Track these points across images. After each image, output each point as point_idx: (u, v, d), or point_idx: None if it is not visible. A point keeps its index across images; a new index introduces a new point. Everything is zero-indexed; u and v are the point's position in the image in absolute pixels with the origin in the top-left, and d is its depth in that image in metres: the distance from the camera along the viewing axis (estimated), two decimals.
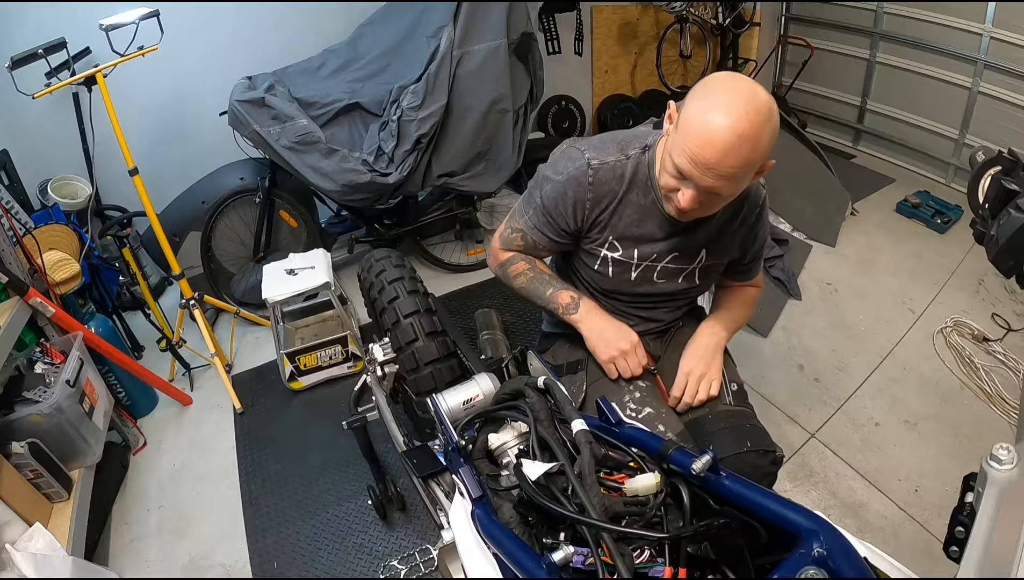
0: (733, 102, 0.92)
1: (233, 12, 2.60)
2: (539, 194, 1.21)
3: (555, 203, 1.18)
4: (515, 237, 1.28)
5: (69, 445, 1.69)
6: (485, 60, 2.42)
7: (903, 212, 3.19)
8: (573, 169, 1.16)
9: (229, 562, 1.78)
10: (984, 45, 3.06)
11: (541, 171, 1.23)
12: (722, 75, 0.98)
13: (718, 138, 0.92)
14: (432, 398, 1.04)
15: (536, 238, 1.25)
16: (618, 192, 1.15)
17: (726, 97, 0.93)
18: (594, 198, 1.16)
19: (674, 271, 1.24)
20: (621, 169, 1.15)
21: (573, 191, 1.16)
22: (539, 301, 1.29)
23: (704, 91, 0.97)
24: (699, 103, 0.95)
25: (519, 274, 1.29)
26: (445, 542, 0.93)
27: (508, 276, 1.32)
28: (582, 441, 0.74)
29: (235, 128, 2.34)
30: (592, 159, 1.14)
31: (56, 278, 1.93)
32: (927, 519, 1.73)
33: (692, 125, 0.94)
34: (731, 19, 3.73)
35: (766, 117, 0.93)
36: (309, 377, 2.33)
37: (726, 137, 0.91)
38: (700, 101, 0.95)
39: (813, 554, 0.53)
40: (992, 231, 1.12)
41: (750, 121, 0.91)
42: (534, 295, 1.29)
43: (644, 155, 1.15)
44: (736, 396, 1.26)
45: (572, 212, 1.18)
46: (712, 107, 0.93)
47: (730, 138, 0.91)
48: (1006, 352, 2.25)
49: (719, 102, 0.93)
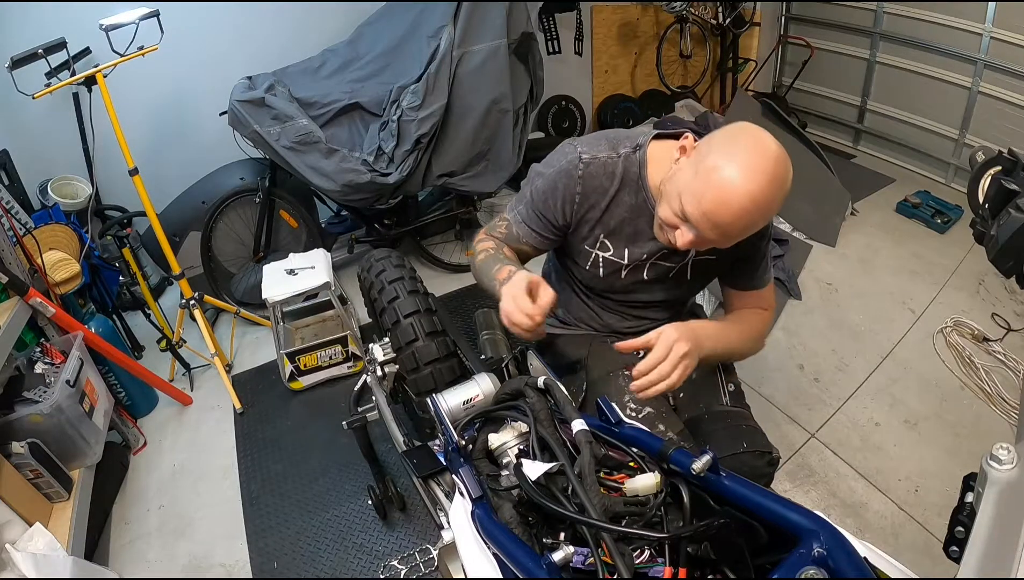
0: (758, 166, 0.90)
1: (233, 12, 2.60)
2: (530, 189, 1.20)
3: (545, 197, 1.17)
4: (500, 225, 1.27)
5: (69, 445, 1.69)
6: (485, 60, 2.42)
7: (903, 212, 3.19)
8: (564, 162, 1.15)
9: (229, 562, 1.78)
10: (984, 45, 3.06)
11: (534, 168, 1.22)
12: (750, 130, 0.95)
13: (736, 202, 0.90)
14: (432, 398, 1.04)
15: (520, 231, 1.23)
16: (609, 189, 1.15)
17: (751, 159, 0.90)
18: (583, 192, 1.15)
19: (665, 268, 1.23)
20: (612, 166, 1.14)
21: (563, 184, 1.15)
22: (486, 281, 1.17)
23: (730, 144, 0.94)
24: (723, 157, 0.92)
25: (481, 251, 1.23)
26: (445, 542, 0.93)
27: (473, 254, 1.26)
28: (582, 441, 0.74)
29: (235, 128, 2.34)
30: (584, 153, 1.14)
31: (56, 278, 1.93)
32: (927, 519, 1.73)
33: (712, 178, 0.92)
34: (731, 19, 3.73)
35: (781, 184, 0.92)
36: (309, 377, 2.33)
37: (744, 203, 0.90)
38: (724, 155, 0.92)
39: (813, 554, 0.53)
40: (992, 231, 1.12)
41: (771, 189, 0.90)
42: (485, 275, 1.18)
43: (635, 154, 1.14)
44: (733, 397, 1.26)
45: (561, 205, 1.16)
46: (736, 166, 0.90)
47: (747, 204, 0.90)
48: (1006, 352, 2.25)
49: (744, 163, 0.90)
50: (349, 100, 2.42)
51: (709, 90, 4.24)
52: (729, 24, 3.75)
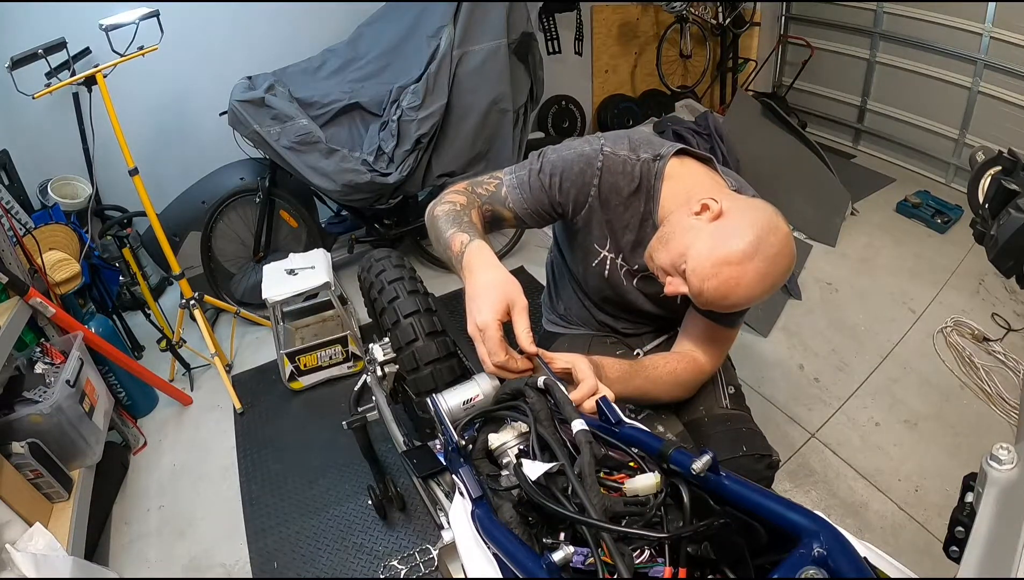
0: (770, 269, 0.92)
1: (233, 12, 2.60)
2: (540, 160, 1.12)
3: (558, 171, 1.09)
4: (489, 182, 1.15)
5: (69, 445, 1.69)
6: (485, 60, 2.42)
7: (903, 212, 3.19)
8: (588, 149, 1.10)
9: (229, 562, 1.78)
10: (984, 45, 3.06)
11: (546, 150, 1.14)
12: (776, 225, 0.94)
13: (738, 294, 0.93)
14: (432, 398, 1.04)
15: (511, 195, 1.12)
16: (623, 190, 1.11)
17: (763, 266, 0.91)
18: (600, 185, 1.10)
19: (659, 285, 1.18)
20: (631, 167, 1.10)
21: (579, 168, 1.09)
22: (439, 242, 1.05)
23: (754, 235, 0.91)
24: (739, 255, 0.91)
25: (447, 203, 1.09)
26: (445, 542, 0.93)
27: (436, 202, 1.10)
28: (582, 441, 0.74)
29: (235, 128, 2.34)
30: (606, 146, 1.10)
31: (56, 278, 1.93)
32: (927, 519, 1.73)
33: (723, 272, 0.92)
34: (731, 19, 3.73)
35: (780, 279, 0.95)
36: (309, 377, 2.33)
37: (743, 295, 0.93)
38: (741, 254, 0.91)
39: (813, 554, 0.53)
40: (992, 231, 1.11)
41: (772, 285, 0.94)
42: (439, 232, 1.05)
43: (655, 163, 1.10)
44: (733, 399, 1.24)
45: (570, 188, 1.10)
46: (751, 264, 0.91)
47: (746, 296, 0.93)
48: (1006, 352, 2.25)
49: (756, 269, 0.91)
50: (349, 100, 2.42)
51: (709, 90, 4.24)
52: (729, 24, 3.75)
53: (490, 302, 0.89)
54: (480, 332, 0.90)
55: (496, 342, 0.89)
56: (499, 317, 0.89)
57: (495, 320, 0.88)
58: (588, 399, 0.90)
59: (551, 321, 1.45)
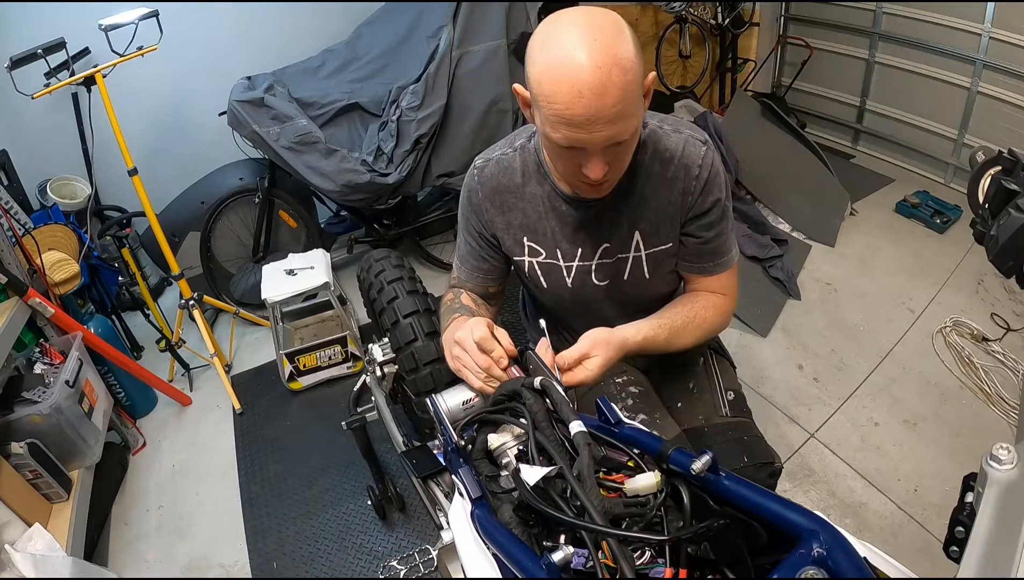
0: (572, 40, 0.80)
1: (232, 12, 2.60)
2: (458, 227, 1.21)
3: (465, 221, 1.17)
4: (454, 272, 1.27)
5: (68, 445, 1.69)
6: (484, 60, 2.42)
7: (902, 212, 3.19)
8: (467, 179, 1.15)
9: (229, 562, 1.78)
10: (983, 45, 3.05)
11: None
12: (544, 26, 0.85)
13: (583, 84, 0.79)
14: (431, 398, 1.04)
15: (461, 274, 1.22)
16: (512, 186, 1.10)
17: (562, 40, 0.80)
18: (487, 196, 1.11)
19: (613, 266, 1.14)
20: (508, 161, 1.10)
21: (468, 200, 1.14)
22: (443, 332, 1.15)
23: (538, 50, 0.84)
24: (541, 65, 0.83)
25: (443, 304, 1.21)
26: (445, 542, 0.93)
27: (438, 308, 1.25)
28: (580, 443, 0.74)
29: (234, 128, 2.34)
30: (477, 161, 1.13)
31: (55, 278, 1.93)
32: (927, 519, 1.73)
33: (548, 89, 0.82)
34: (730, 19, 3.73)
35: (615, 31, 0.81)
36: (308, 377, 2.33)
37: (589, 79, 0.79)
38: (540, 63, 0.83)
39: (813, 554, 0.53)
40: (992, 231, 1.11)
41: (603, 45, 0.79)
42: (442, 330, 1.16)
43: (530, 143, 1.09)
44: (732, 406, 1.21)
45: (478, 220, 1.15)
46: (556, 60, 0.81)
47: (595, 76, 0.79)
48: (1005, 352, 2.25)
49: (560, 51, 0.80)
50: (348, 100, 2.42)
51: (708, 90, 4.24)
52: (728, 24, 3.74)
53: (461, 333, 0.96)
54: (458, 352, 0.96)
55: (473, 348, 0.93)
56: (471, 337, 0.93)
57: (467, 337, 0.94)
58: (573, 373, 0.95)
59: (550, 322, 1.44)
